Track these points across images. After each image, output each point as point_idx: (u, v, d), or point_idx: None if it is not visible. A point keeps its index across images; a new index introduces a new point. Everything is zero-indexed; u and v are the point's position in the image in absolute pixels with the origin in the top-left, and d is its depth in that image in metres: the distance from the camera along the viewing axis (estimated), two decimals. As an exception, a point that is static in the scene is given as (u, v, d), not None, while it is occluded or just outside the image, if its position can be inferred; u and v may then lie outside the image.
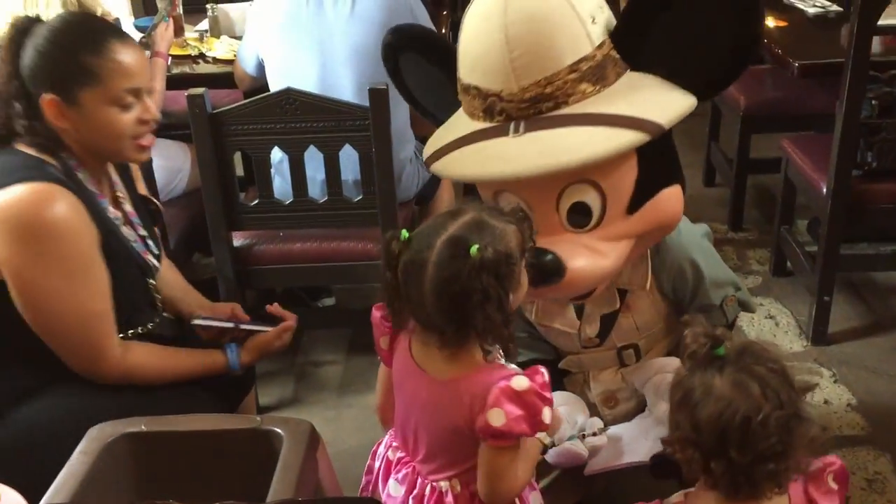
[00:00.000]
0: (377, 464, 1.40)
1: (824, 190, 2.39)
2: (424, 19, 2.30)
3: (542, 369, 1.19)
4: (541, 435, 1.26)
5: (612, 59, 1.29)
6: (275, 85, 2.24)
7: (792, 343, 2.53)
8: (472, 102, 1.33)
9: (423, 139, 2.60)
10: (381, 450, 1.41)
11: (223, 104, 2.07)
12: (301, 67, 2.21)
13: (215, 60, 2.73)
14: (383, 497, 1.35)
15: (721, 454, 1.05)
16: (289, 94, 2.00)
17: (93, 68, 1.48)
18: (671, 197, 1.37)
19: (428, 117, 1.61)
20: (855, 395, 2.31)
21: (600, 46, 1.28)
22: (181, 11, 2.83)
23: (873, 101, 2.26)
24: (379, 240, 2.16)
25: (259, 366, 1.94)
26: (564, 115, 1.25)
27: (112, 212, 1.61)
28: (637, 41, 1.30)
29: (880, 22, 2.18)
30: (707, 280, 1.53)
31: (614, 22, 1.34)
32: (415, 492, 1.30)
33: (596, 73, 1.28)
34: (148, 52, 2.51)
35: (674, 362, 1.44)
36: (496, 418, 1.16)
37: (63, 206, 1.45)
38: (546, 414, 1.18)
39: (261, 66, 2.35)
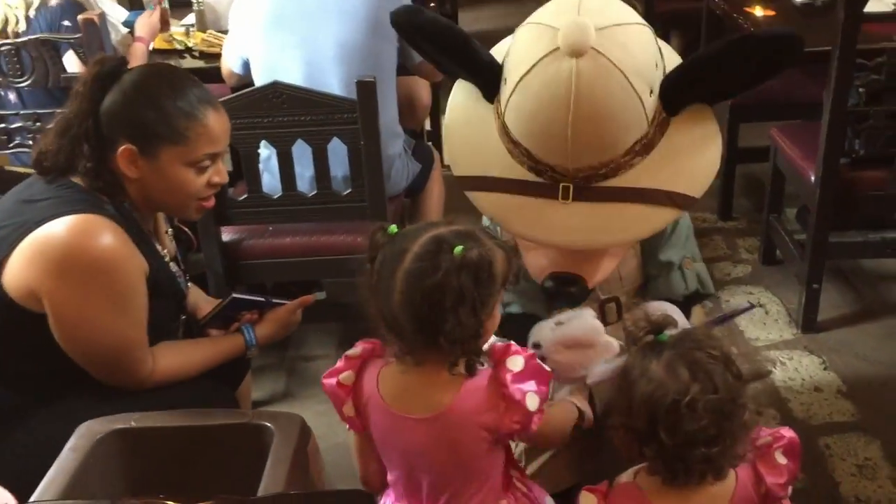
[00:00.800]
0: None
1: (813, 178, 2.39)
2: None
3: (510, 342, 1.20)
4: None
5: (659, 124, 1.30)
6: (260, 84, 2.23)
7: (782, 331, 2.54)
8: (520, 157, 1.32)
9: (412, 133, 2.62)
10: None
11: (210, 98, 2.05)
12: (286, 66, 2.19)
13: (202, 55, 2.71)
14: None
15: (652, 437, 1.07)
16: (276, 88, 1.99)
17: (181, 129, 1.48)
18: None
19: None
20: (845, 381, 2.31)
21: (653, 120, 1.29)
22: (167, 5, 2.82)
23: (860, 89, 2.26)
24: (368, 232, 2.16)
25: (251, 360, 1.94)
26: (613, 188, 1.28)
27: (159, 249, 1.62)
28: (684, 98, 1.32)
29: (867, 10, 2.18)
30: (678, 234, 1.54)
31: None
32: None
33: (647, 146, 1.30)
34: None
35: (664, 305, 1.42)
36: (532, 402, 1.13)
37: (109, 237, 1.45)
38: (546, 365, 1.19)
39: (246, 65, 2.33)
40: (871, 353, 2.42)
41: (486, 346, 1.18)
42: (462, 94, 1.50)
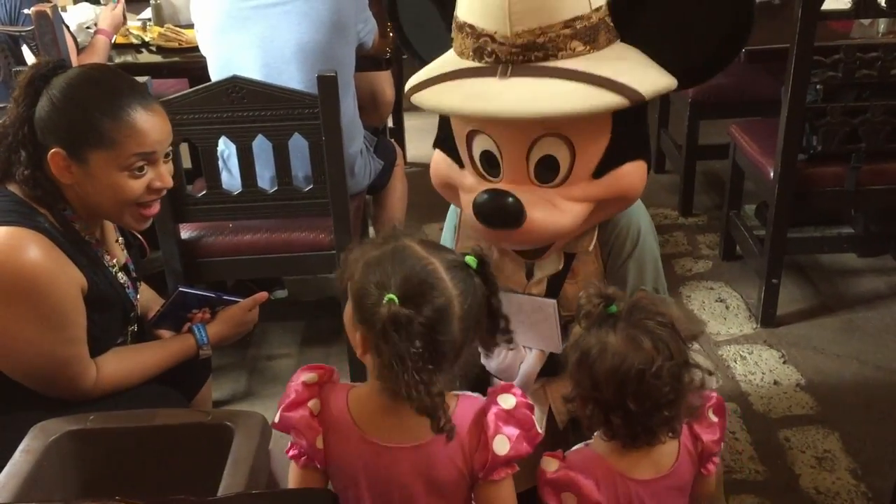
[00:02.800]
0: None
1: (771, 174, 2.42)
2: (364, 5, 2.29)
3: (512, 384, 1.17)
4: None
5: (606, 25, 1.31)
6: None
7: (742, 325, 2.57)
8: (465, 41, 1.33)
9: (372, 130, 2.60)
10: None
11: (168, 94, 2.02)
12: (242, 66, 2.15)
13: (159, 49, 2.67)
14: None
15: (619, 407, 1.11)
16: (235, 83, 1.97)
17: (105, 131, 1.42)
18: (636, 171, 1.39)
19: (417, 59, 1.59)
20: (804, 375, 2.35)
21: (597, 10, 1.30)
22: (124, -1, 2.77)
23: (818, 86, 2.29)
24: (330, 230, 2.14)
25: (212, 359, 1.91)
26: (552, 67, 1.27)
27: (107, 259, 1.57)
28: (633, 14, 1.32)
29: (824, 7, 2.21)
30: (640, 259, 1.50)
31: None
32: None
33: (588, 34, 1.29)
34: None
35: None
36: (501, 446, 1.08)
37: (35, 251, 1.39)
38: (538, 422, 1.13)
39: None
40: (828, 347, 2.46)
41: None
42: None
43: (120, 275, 1.60)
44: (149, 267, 2.61)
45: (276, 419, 1.12)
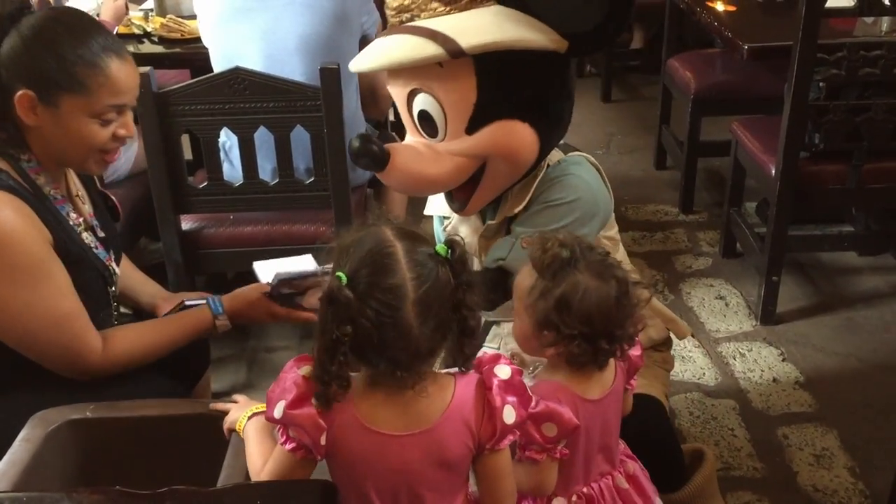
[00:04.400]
0: None
1: (773, 172, 2.42)
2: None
3: (500, 353, 1.18)
4: None
5: None
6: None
7: (741, 323, 2.57)
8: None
9: (374, 124, 2.60)
10: None
11: (170, 84, 2.02)
12: (245, 58, 2.14)
13: (161, 40, 2.66)
14: None
15: (606, 334, 1.22)
16: (237, 74, 1.96)
17: (81, 77, 1.41)
18: (513, 130, 1.43)
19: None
20: (803, 373, 2.35)
21: None
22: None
23: (821, 84, 2.29)
24: (331, 222, 2.14)
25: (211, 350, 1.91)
26: (411, 25, 1.41)
27: (73, 218, 1.54)
28: None
29: (828, 5, 2.21)
30: (545, 208, 1.49)
31: None
32: None
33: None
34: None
35: None
36: (509, 416, 1.10)
37: (7, 212, 1.38)
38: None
39: None
40: (828, 345, 2.46)
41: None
42: None
43: (86, 234, 1.56)
44: (148, 258, 2.62)
45: (279, 415, 1.07)
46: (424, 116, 1.46)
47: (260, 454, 1.17)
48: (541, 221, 1.48)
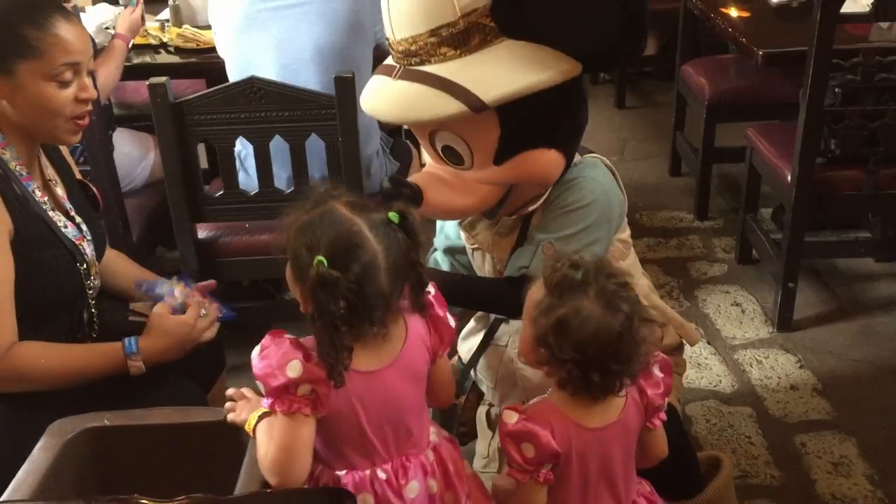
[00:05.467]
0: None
1: (789, 178, 2.41)
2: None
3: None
4: None
5: (480, 27, 1.36)
6: (234, 82, 2.20)
7: (758, 330, 2.56)
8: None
9: (388, 131, 2.61)
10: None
11: (186, 94, 2.03)
12: (260, 67, 2.16)
13: (177, 50, 2.68)
14: None
15: (599, 366, 1.19)
16: (253, 83, 1.97)
17: (31, 41, 1.44)
18: (541, 158, 1.43)
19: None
20: (820, 380, 2.33)
21: (467, 14, 1.35)
22: None
23: (836, 90, 2.28)
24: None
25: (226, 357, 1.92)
26: (422, 71, 1.38)
27: (39, 195, 1.55)
28: (514, 13, 1.36)
29: (843, 10, 2.20)
30: (567, 214, 1.48)
31: None
32: (429, 471, 1.28)
33: (457, 39, 1.36)
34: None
35: None
36: (451, 321, 1.29)
37: None
38: None
39: None
40: (845, 352, 2.44)
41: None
42: None
43: (52, 213, 1.56)
44: (165, 267, 2.63)
45: (296, 373, 1.15)
46: (449, 150, 1.45)
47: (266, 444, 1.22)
48: (559, 226, 1.48)
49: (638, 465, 1.34)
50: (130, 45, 2.56)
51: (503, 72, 1.35)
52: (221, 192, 2.11)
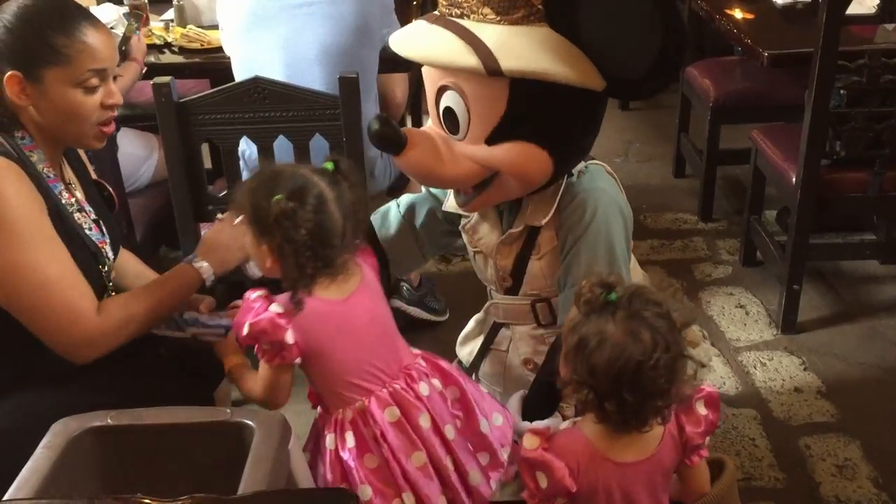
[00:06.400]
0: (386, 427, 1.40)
1: (793, 180, 2.41)
2: (390, 9, 2.29)
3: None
4: None
5: (530, 5, 1.37)
6: (239, 83, 2.20)
7: (762, 332, 2.55)
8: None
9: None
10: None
11: (190, 94, 2.03)
12: (266, 67, 2.16)
13: (181, 50, 2.68)
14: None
15: (614, 395, 1.13)
16: (257, 83, 1.97)
17: (59, 48, 1.45)
18: (530, 153, 1.42)
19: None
20: (825, 382, 2.33)
21: None
22: (146, 0, 2.79)
23: (842, 91, 2.28)
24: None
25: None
26: (458, 23, 1.40)
27: (66, 197, 1.56)
28: (566, 8, 1.36)
29: (849, 12, 2.19)
30: (592, 242, 1.48)
31: None
32: (428, 374, 1.44)
33: (503, 5, 1.37)
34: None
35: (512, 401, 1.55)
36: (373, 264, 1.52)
37: (8, 175, 1.41)
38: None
39: None
40: (850, 354, 2.44)
41: None
42: None
43: (78, 215, 1.58)
44: (168, 266, 2.62)
45: (246, 332, 1.34)
46: (449, 113, 1.46)
47: (254, 381, 1.49)
48: (585, 259, 1.47)
49: (678, 498, 1.30)
50: (143, 70, 2.55)
51: (530, 51, 1.36)
52: (225, 192, 2.11)
